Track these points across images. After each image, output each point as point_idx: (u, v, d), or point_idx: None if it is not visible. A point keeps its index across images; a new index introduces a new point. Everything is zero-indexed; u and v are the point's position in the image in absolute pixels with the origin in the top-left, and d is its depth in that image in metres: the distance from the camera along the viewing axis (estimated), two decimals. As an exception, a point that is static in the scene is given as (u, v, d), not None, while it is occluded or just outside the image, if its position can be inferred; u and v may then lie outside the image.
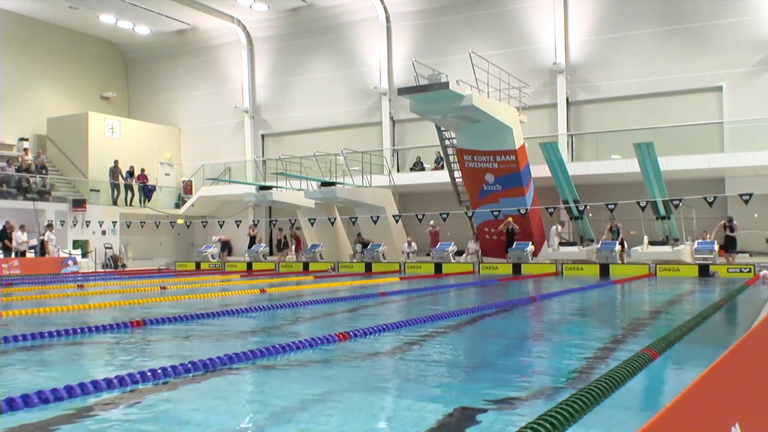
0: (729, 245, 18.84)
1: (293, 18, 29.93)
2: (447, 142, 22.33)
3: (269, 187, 25.32)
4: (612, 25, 24.30)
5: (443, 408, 4.02)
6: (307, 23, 29.83)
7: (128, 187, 29.25)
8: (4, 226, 23.46)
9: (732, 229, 18.85)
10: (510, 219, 20.60)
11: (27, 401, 3.95)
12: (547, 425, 3.00)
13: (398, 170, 26.80)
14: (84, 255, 25.51)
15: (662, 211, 19.09)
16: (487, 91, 20.35)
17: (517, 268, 20.11)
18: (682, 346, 5.98)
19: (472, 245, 22.42)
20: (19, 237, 23.24)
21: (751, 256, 19.82)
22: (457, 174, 22.44)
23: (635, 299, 12.81)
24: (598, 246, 19.87)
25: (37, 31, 30.63)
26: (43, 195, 26.36)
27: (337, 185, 23.00)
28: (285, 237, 25.63)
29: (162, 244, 29.99)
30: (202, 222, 29.07)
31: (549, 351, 6.60)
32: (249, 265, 24.77)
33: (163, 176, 32.24)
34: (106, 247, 26.30)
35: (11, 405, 3.88)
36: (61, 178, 29.28)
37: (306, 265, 23.50)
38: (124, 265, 25.57)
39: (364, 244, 23.32)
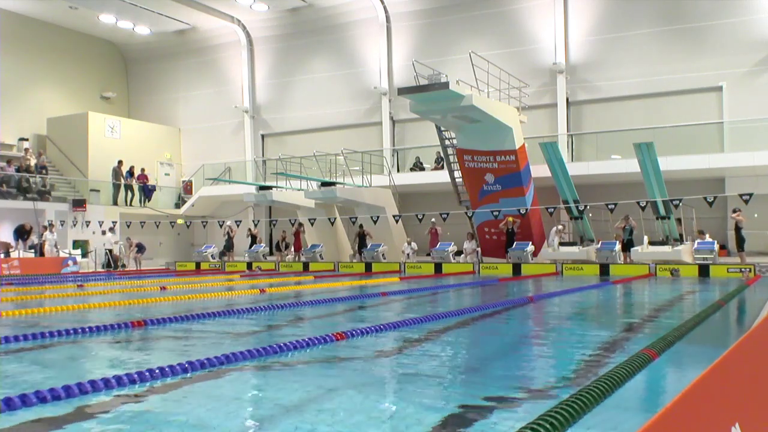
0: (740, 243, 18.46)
1: (293, 18, 29.93)
2: (447, 142, 22.32)
3: (269, 187, 25.32)
4: (612, 25, 24.30)
5: (443, 408, 4.01)
6: (307, 23, 29.84)
7: (128, 187, 29.25)
8: (22, 226, 23.68)
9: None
10: (511, 219, 20.58)
11: (25, 401, 3.94)
12: (547, 425, 2.99)
13: (398, 170, 26.80)
14: (84, 255, 25.51)
15: (662, 211, 19.07)
16: (487, 91, 20.34)
17: (517, 268, 20.09)
18: (682, 346, 5.97)
19: (468, 245, 22.42)
20: (49, 237, 23.64)
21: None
22: (457, 174, 22.43)
23: (635, 299, 12.80)
24: (599, 246, 19.86)
25: (37, 31, 30.62)
26: (43, 195, 26.37)
27: (337, 185, 22.98)
28: (285, 237, 25.68)
29: (162, 244, 29.98)
30: (202, 222, 29.07)
31: (548, 351, 6.59)
32: (249, 265, 24.78)
33: (163, 176, 32.24)
34: (106, 248, 26.26)
35: (9, 405, 3.87)
36: (61, 178, 29.28)
37: (306, 265, 23.50)
38: (123, 265, 25.55)
39: (362, 237, 23.25)
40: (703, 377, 2.65)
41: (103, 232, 25.26)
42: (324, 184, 23.09)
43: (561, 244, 20.91)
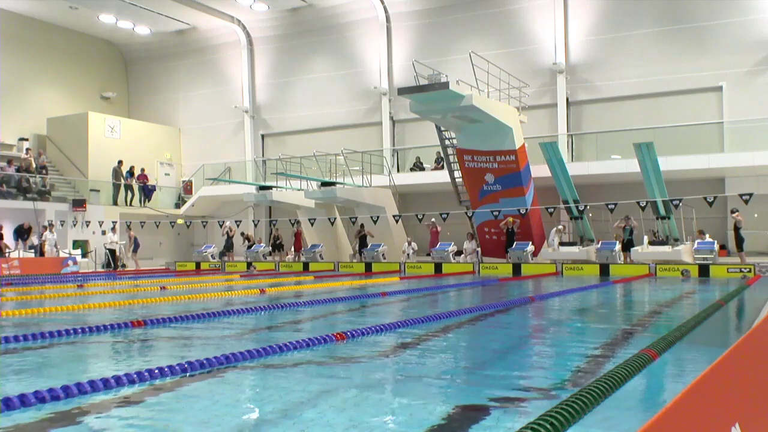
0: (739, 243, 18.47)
1: (293, 18, 29.93)
2: (447, 142, 22.32)
3: (269, 187, 25.32)
4: (612, 25, 24.29)
5: (443, 408, 4.01)
6: (307, 23, 29.83)
7: (128, 187, 29.26)
8: (21, 226, 23.74)
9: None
10: (511, 219, 20.57)
11: (24, 401, 3.94)
12: (547, 425, 2.98)
13: (398, 170, 26.80)
14: (84, 255, 25.51)
15: (662, 211, 19.06)
16: (487, 91, 20.33)
17: (517, 268, 20.09)
18: (682, 346, 5.97)
19: (468, 245, 22.42)
20: (48, 237, 23.73)
21: None
22: (457, 174, 22.42)
23: (635, 299, 12.80)
24: (599, 246, 19.85)
25: (37, 31, 30.63)
26: (43, 195, 26.37)
27: (337, 185, 22.98)
28: (279, 238, 25.71)
29: (162, 244, 29.99)
30: (202, 222, 29.07)
31: (549, 351, 6.59)
32: (249, 265, 24.78)
33: (163, 176, 32.24)
34: (106, 248, 26.26)
35: (8, 405, 3.87)
36: (61, 178, 29.27)
37: (306, 265, 23.50)
38: (124, 265, 25.54)
39: (362, 238, 23.25)
40: (703, 377, 2.65)
41: (104, 232, 25.28)
42: (324, 184, 23.09)
43: (561, 244, 20.90)
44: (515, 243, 20.74)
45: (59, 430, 3.62)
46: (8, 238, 24.05)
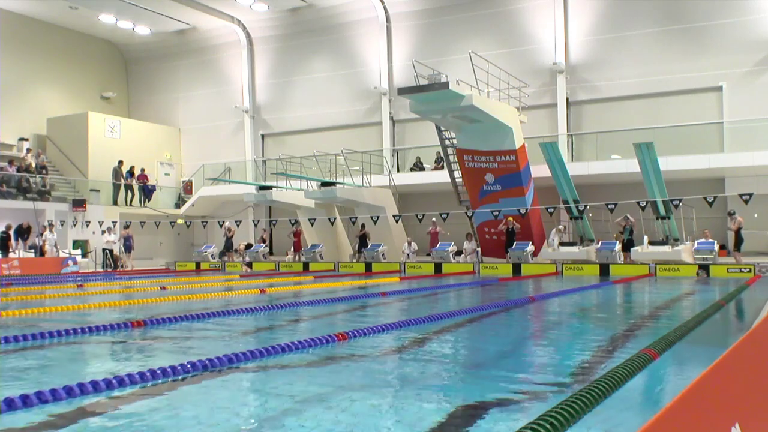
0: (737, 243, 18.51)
1: (293, 18, 29.94)
2: (447, 142, 22.32)
3: (269, 187, 25.33)
4: (612, 25, 24.30)
5: (443, 408, 4.02)
6: (307, 23, 29.84)
7: (128, 187, 29.26)
8: (20, 225, 23.77)
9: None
10: (510, 218, 20.58)
11: (26, 402, 3.95)
12: (547, 425, 2.99)
13: (398, 170, 26.80)
14: (84, 255, 25.51)
15: (662, 211, 19.07)
16: (487, 91, 20.34)
17: (517, 268, 20.09)
18: (683, 346, 5.98)
19: (468, 245, 22.44)
20: (49, 237, 23.76)
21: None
22: (457, 174, 22.43)
23: (635, 299, 12.80)
24: (599, 246, 19.86)
25: (37, 31, 30.63)
26: (43, 195, 26.38)
27: (337, 185, 22.99)
28: (266, 240, 25.83)
29: (162, 244, 29.99)
30: (202, 222, 29.07)
31: (549, 351, 6.59)
32: (249, 264, 24.79)
33: (163, 176, 32.25)
34: (104, 248, 26.25)
35: (10, 405, 3.88)
36: (61, 178, 29.28)
37: (306, 265, 23.50)
38: (122, 265, 25.53)
39: (362, 238, 23.27)
40: (703, 377, 2.66)
41: (103, 232, 25.27)
42: (324, 184, 23.10)
43: (561, 244, 20.90)
44: (515, 243, 20.75)
45: (61, 431, 3.62)
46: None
